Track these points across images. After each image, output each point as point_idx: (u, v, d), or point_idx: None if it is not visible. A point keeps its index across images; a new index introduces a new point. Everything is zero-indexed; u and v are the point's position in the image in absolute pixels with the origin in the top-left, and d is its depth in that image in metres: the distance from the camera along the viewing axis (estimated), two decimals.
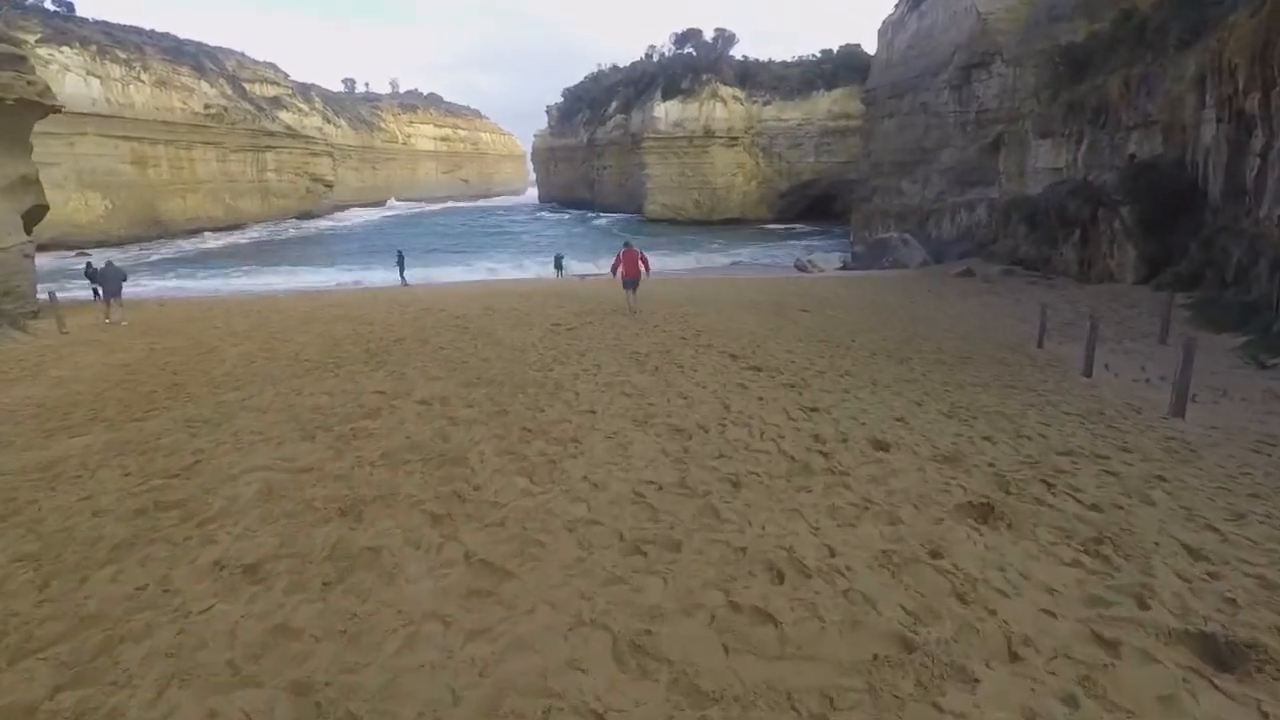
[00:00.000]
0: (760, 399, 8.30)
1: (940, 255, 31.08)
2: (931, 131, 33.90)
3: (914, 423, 7.54)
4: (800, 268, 32.91)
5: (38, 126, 48.71)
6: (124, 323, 16.51)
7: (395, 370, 9.84)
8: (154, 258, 48.41)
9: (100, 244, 51.78)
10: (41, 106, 16.77)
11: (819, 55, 79.87)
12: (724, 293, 22.25)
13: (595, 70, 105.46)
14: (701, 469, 5.73)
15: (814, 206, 75.16)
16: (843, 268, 32.95)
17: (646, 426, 7.03)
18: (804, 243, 56.92)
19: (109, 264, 17.84)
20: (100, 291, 17.37)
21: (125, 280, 17.61)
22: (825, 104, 74.15)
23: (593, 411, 7.57)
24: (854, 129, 71.68)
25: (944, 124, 33.29)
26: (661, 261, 40.45)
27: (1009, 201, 28.82)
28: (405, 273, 29.52)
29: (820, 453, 6.22)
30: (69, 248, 49.31)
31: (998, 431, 7.41)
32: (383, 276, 33.39)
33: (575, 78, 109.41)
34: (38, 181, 17.71)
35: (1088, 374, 11.25)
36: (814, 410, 7.83)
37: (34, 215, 17.52)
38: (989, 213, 31.26)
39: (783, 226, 69.83)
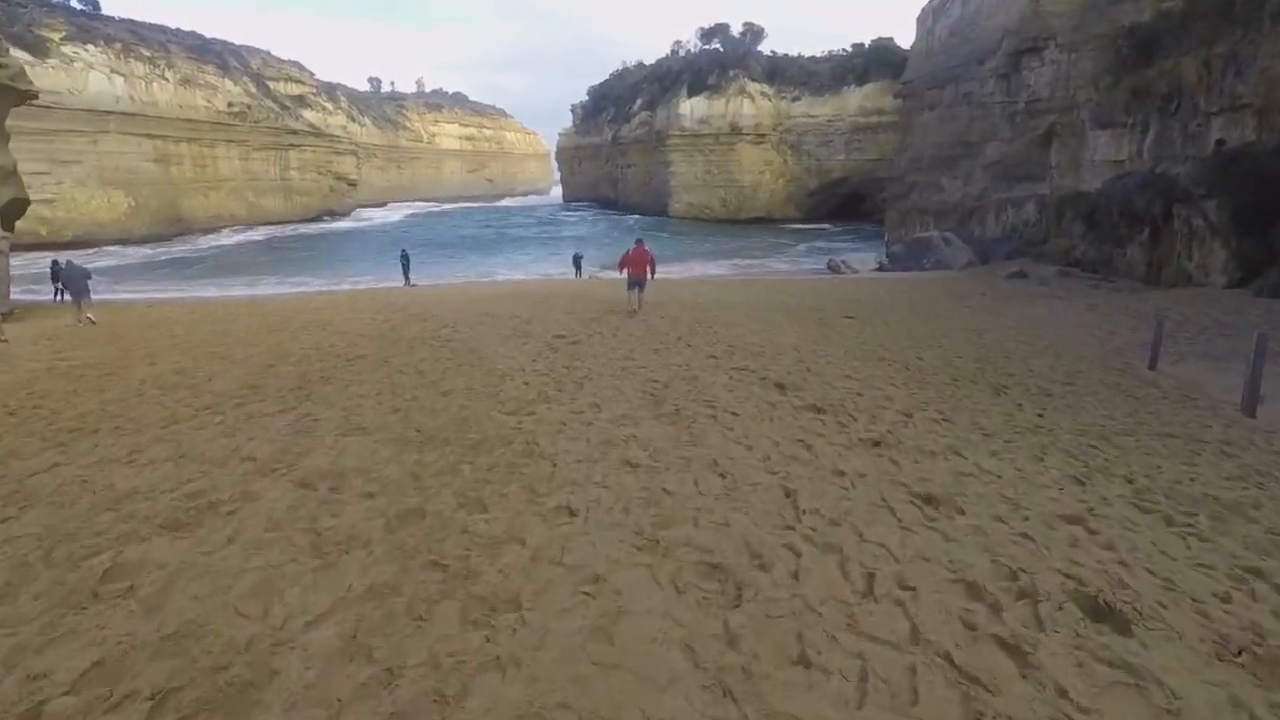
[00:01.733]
0: (839, 475, 5.46)
1: (986, 256, 28.92)
2: (975, 124, 31.69)
3: (1106, 530, 4.64)
4: (833, 268, 30.98)
5: (60, 124, 49.18)
6: (94, 322, 15.63)
7: (313, 412, 7.38)
8: (163, 257, 47.76)
9: (121, 241, 51.66)
10: (15, 92, 15.59)
11: (849, 49, 77.40)
12: (755, 296, 20.47)
13: (620, 67, 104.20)
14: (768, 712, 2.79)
15: (843, 205, 72.86)
16: (879, 269, 30.95)
17: (657, 553, 4.07)
18: (834, 242, 54.79)
19: (69, 263, 16.97)
20: (64, 293, 16.45)
21: (90, 278, 16.56)
22: (856, 99, 71.78)
23: (570, 514, 4.64)
24: (886, 125, 69.30)
25: (989, 115, 31.07)
26: (685, 263, 38.82)
27: (1062, 197, 26.60)
28: (411, 274, 28.12)
29: (1002, 642, 3.22)
30: (91, 245, 49.22)
31: (1249, 550, 4.50)
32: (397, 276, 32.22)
33: (602, 77, 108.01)
34: (16, 173, 16.61)
35: (1250, 412, 8.39)
36: (931, 502, 4.94)
37: (12, 209, 16.42)
38: (1038, 210, 29.02)
39: (811, 226, 67.62)
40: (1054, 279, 22.42)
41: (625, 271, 15.16)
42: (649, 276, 15.25)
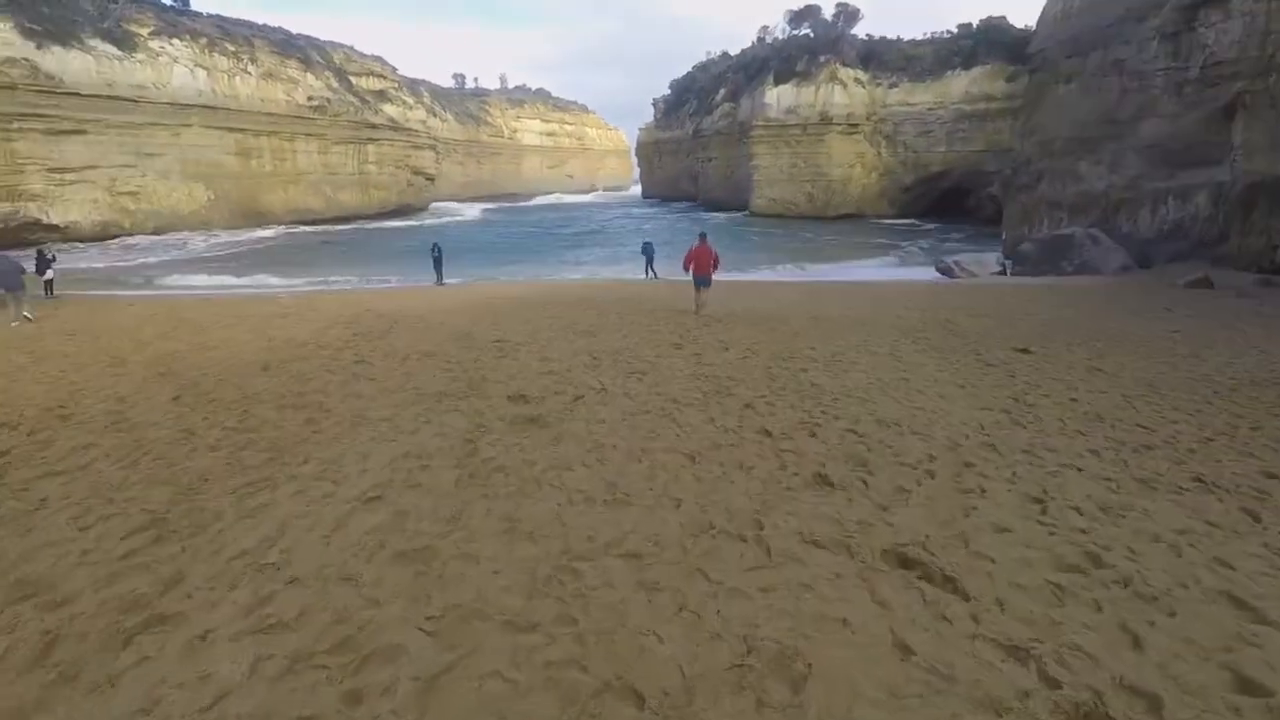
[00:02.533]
0: None
1: (1145, 258, 23.50)
2: (1128, 97, 26.02)
3: None
4: (944, 271, 26.13)
5: (146, 117, 49.73)
6: (30, 319, 14.18)
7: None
8: (224, 252, 47.26)
9: (200, 232, 52.01)
10: None
11: (955, 30, 70.51)
12: (859, 307, 16.47)
13: (704, 59, 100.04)
14: None
15: (942, 201, 66.47)
16: (1001, 272, 25.89)
17: None
18: (936, 240, 49.01)
19: (2, 256, 15.22)
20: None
21: (24, 273, 15.16)
22: (962, 85, 65.18)
23: None
24: (995, 112, 62.63)
25: (1147, 86, 25.38)
26: (769, 264, 34.74)
27: (1251, 185, 20.98)
28: (444, 271, 25.14)
29: None
30: (170, 234, 49.70)
31: None
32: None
33: (686, 71, 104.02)
34: None
35: None
36: None
37: None
38: (1213, 201, 23.32)
39: (906, 223, 61.58)
40: (1255, 289, 17.20)
41: (690, 270, 14.69)
42: (713, 273, 14.79)
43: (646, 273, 26.55)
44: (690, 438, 6.29)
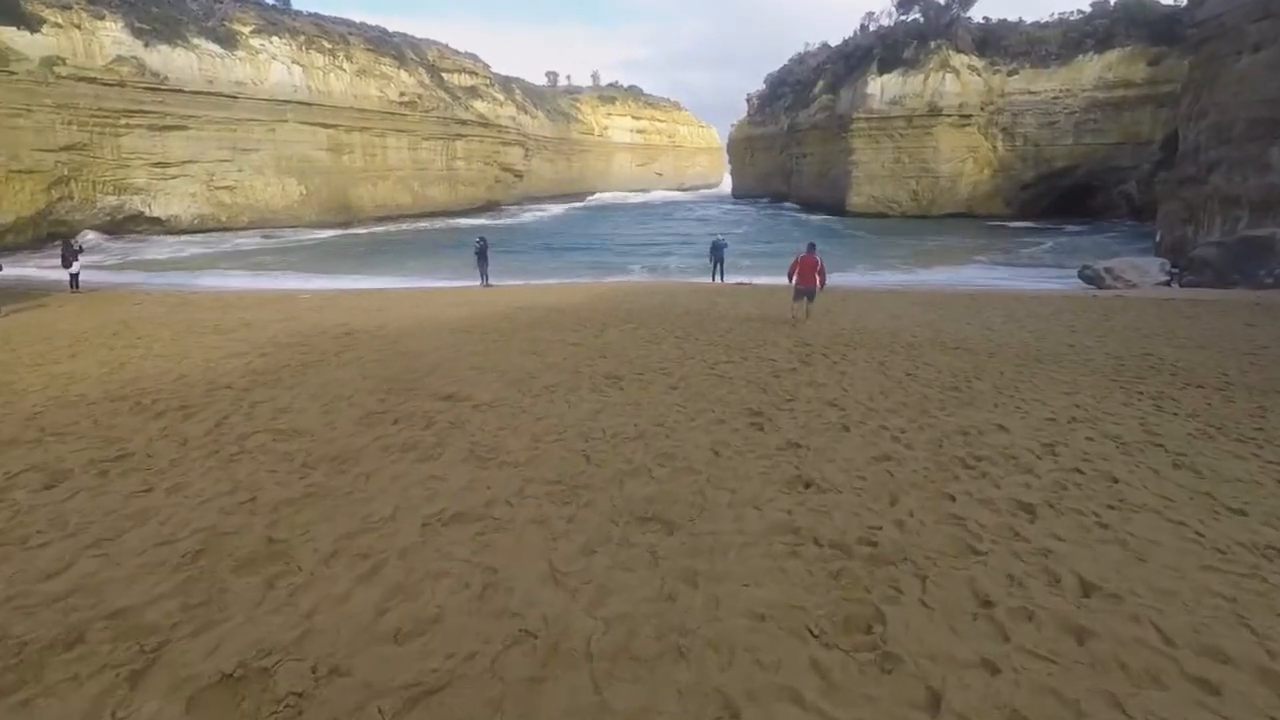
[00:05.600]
0: None
1: None
2: None
3: None
4: (1091, 280, 21.66)
5: (244, 114, 51.03)
6: None
7: None
8: (294, 244, 47.58)
9: (292, 228, 53.07)
10: None
11: (1090, 9, 63.12)
12: (1006, 327, 13.01)
13: (802, 50, 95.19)
14: None
15: (1064, 201, 59.61)
16: (1167, 282, 21.21)
17: None
18: (1068, 241, 43.15)
19: None
20: None
21: None
22: (1095, 69, 58.23)
23: None
24: (1135, 100, 55.54)
25: None
26: (871, 270, 31.01)
27: None
28: (490, 270, 22.58)
29: None
30: (263, 230, 50.86)
31: None
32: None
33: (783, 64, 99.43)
34: None
35: None
36: None
37: None
38: None
39: (1025, 225, 55.31)
40: None
41: (794, 280, 14.07)
42: (819, 287, 14.05)
43: (713, 276, 23.53)
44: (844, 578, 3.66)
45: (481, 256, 22.45)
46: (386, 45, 66.74)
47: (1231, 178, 23.02)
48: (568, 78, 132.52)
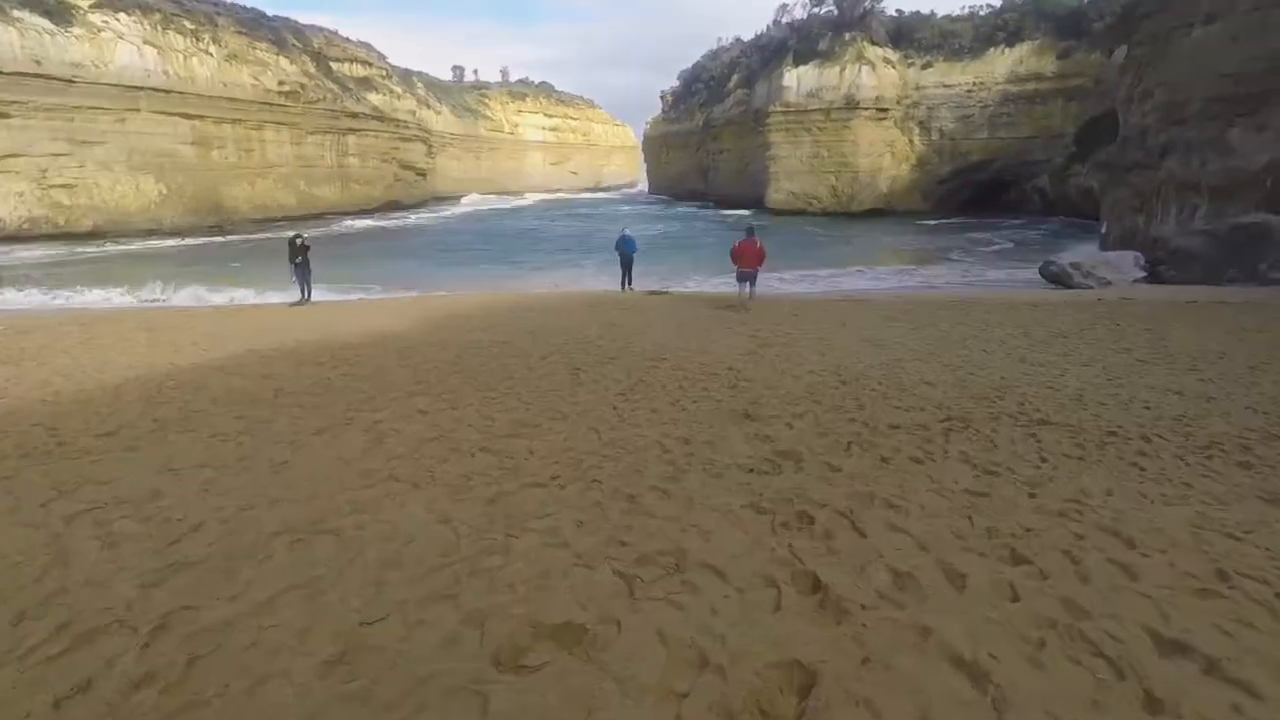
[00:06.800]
0: None
1: None
2: None
3: None
4: (1055, 278, 19.21)
5: (83, 99, 43.55)
6: None
7: None
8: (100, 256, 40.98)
9: (150, 233, 45.93)
10: None
11: (998, 2, 63.58)
12: (1001, 355, 9.85)
13: (715, 46, 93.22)
14: None
15: (979, 195, 59.60)
16: (1145, 278, 18.96)
17: None
18: (995, 237, 41.85)
19: None
20: None
21: None
22: (1006, 63, 58.52)
23: None
24: (1046, 93, 55.95)
25: None
26: (798, 269, 28.13)
27: None
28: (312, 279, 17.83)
29: None
30: (113, 237, 43.61)
31: None
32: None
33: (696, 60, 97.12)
34: None
35: None
36: None
37: None
38: None
39: (946, 220, 54.50)
40: None
41: (736, 265, 14.69)
42: (758, 270, 14.80)
43: (623, 284, 19.04)
44: None
45: (301, 263, 16.85)
46: (262, 28, 59.80)
47: (1187, 161, 21.34)
48: (474, 73, 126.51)
